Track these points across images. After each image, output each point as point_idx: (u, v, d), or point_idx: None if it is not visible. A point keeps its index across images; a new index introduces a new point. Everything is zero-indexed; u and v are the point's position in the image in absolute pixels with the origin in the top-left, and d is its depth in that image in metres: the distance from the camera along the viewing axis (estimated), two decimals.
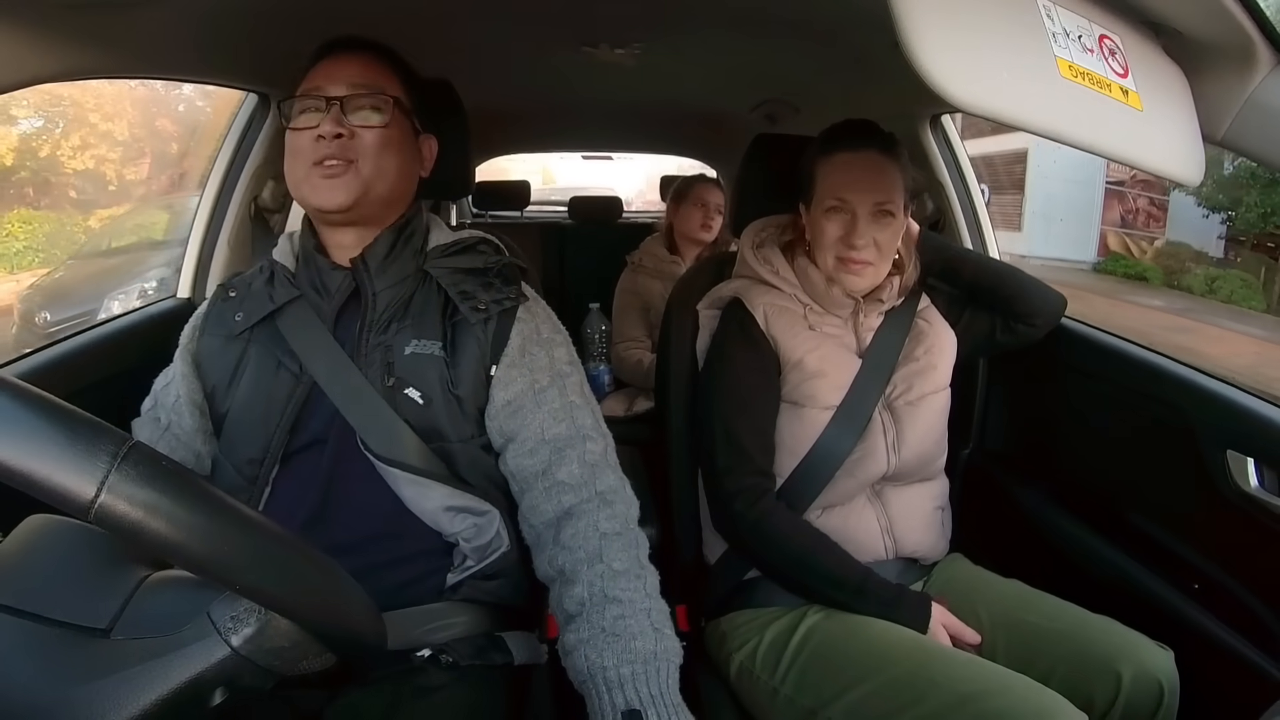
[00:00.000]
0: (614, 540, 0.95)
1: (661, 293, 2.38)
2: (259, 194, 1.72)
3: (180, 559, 0.49)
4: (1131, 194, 12.79)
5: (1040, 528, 1.46)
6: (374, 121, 0.98)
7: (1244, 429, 1.14)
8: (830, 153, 1.23)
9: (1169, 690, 1.00)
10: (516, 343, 1.03)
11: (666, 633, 0.89)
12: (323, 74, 0.99)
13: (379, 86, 0.99)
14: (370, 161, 0.97)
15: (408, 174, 1.05)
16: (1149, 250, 12.53)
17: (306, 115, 0.98)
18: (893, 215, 1.20)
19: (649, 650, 0.86)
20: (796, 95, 2.16)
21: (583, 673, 0.87)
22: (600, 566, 0.92)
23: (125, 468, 0.45)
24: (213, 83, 1.48)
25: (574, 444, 1.00)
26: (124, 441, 0.46)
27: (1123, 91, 0.76)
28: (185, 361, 1.05)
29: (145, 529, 0.46)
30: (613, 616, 0.88)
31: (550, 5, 1.44)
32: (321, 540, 0.93)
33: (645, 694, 0.83)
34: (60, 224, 7.04)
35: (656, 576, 0.96)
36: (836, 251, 1.20)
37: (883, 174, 1.19)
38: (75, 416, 0.46)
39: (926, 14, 0.61)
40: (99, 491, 0.44)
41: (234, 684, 0.54)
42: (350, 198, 0.97)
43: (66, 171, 7.39)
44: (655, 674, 0.84)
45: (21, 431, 0.44)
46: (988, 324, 1.37)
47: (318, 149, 0.96)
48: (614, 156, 5.78)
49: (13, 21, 0.88)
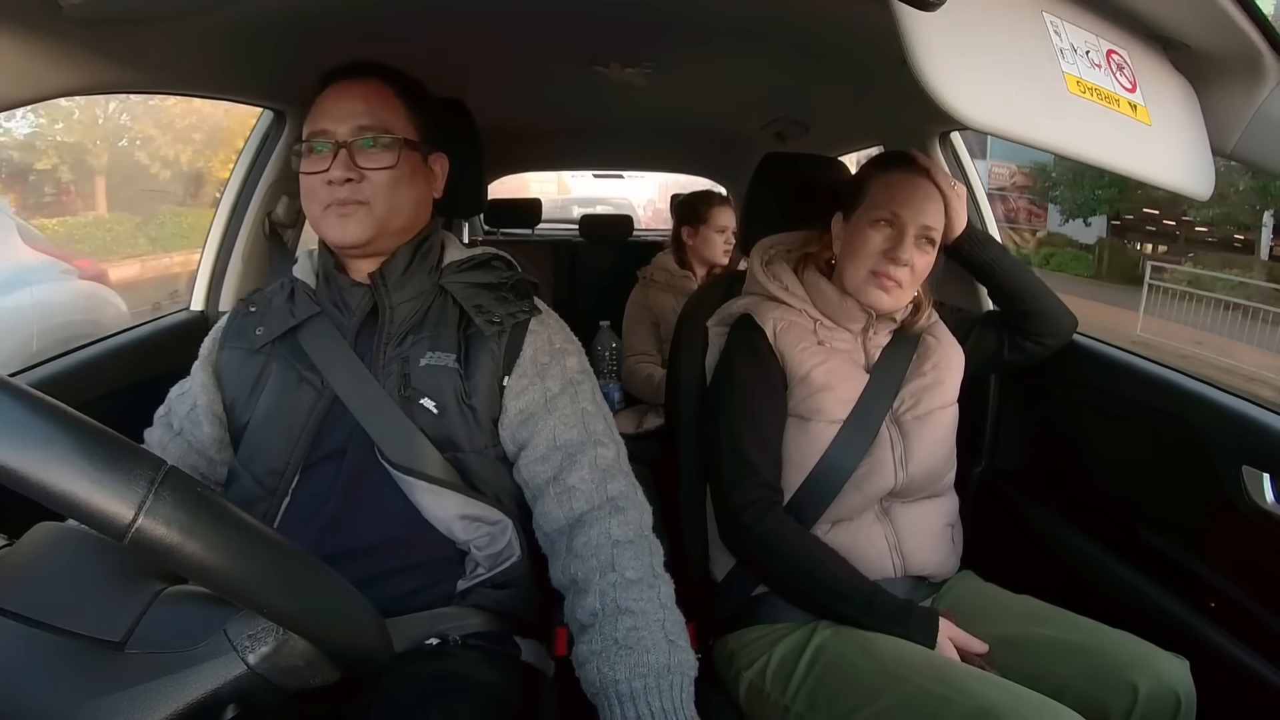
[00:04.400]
0: (627, 548, 0.95)
1: (673, 307, 2.38)
2: (273, 209, 1.74)
3: (213, 583, 0.49)
4: (1013, 197, 15.45)
5: (1053, 545, 1.44)
6: (383, 163, 1.00)
7: (1260, 444, 1.13)
8: (888, 169, 1.24)
9: (1186, 702, 0.98)
10: (529, 353, 1.04)
11: (681, 645, 0.88)
12: (329, 110, 1.01)
13: (385, 124, 1.01)
14: (383, 200, 1.00)
15: (421, 202, 1.07)
16: (1031, 240, 15.22)
17: (316, 158, 1.00)
18: (933, 245, 1.21)
19: (662, 664, 0.85)
20: (806, 114, 2.17)
21: (595, 685, 0.86)
22: (613, 575, 0.92)
23: (163, 492, 0.46)
24: (228, 99, 1.50)
25: (585, 449, 1.01)
26: (160, 466, 0.47)
27: (1131, 106, 0.76)
28: (205, 373, 1.07)
29: (180, 552, 0.47)
30: (625, 628, 0.87)
31: (562, 25, 1.46)
32: (336, 546, 0.95)
33: (658, 708, 0.82)
34: (202, 218, 8.06)
35: (671, 585, 0.95)
36: (874, 264, 1.20)
37: (934, 202, 1.21)
38: (115, 440, 0.47)
39: (934, 31, 0.62)
40: (137, 514, 0.45)
41: (246, 700, 0.54)
42: (366, 235, 1.00)
43: (216, 178, 8.26)
44: (669, 688, 0.84)
45: (63, 454, 0.45)
46: (995, 342, 1.37)
47: (331, 192, 0.98)
48: (625, 175, 5.80)
49: (32, 36, 0.89)
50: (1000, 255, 1.33)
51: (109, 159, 8.03)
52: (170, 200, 8.35)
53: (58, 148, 6.95)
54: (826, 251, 1.30)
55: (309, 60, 1.12)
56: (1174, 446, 1.27)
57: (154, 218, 7.77)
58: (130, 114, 7.92)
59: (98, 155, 7.83)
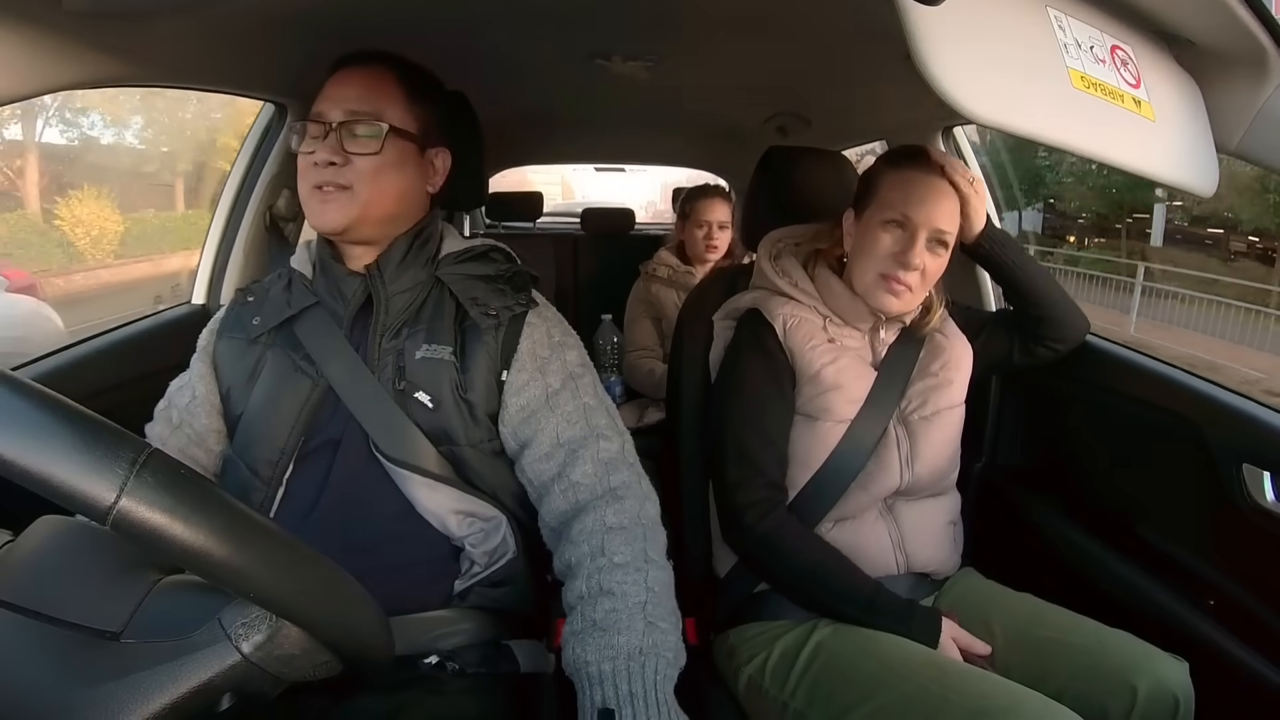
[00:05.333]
0: (618, 534, 0.94)
1: (675, 301, 2.38)
2: (274, 203, 1.74)
3: (195, 566, 0.49)
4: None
5: (1053, 542, 1.44)
6: (369, 149, 0.99)
7: (1260, 442, 1.13)
8: (901, 167, 1.19)
9: (1184, 703, 0.98)
10: (526, 346, 1.04)
11: (662, 627, 0.86)
12: (329, 94, 1.01)
13: (376, 110, 1.00)
14: (365, 186, 0.99)
15: (410, 193, 1.06)
16: None
17: (310, 140, 1.00)
18: (946, 248, 1.17)
19: (634, 646, 0.83)
20: (808, 108, 2.16)
21: (570, 666, 0.85)
22: (602, 560, 0.91)
23: (145, 474, 0.46)
24: (229, 92, 1.49)
25: (588, 444, 1.01)
26: (143, 448, 0.47)
27: (1135, 102, 0.76)
28: (203, 363, 1.07)
29: (163, 535, 0.46)
30: (604, 610, 0.86)
31: (563, 17, 1.45)
32: (332, 541, 0.94)
33: (625, 691, 0.80)
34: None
35: (668, 571, 0.94)
36: (884, 267, 1.16)
37: (948, 204, 1.16)
38: (96, 423, 0.47)
39: (938, 26, 0.62)
40: (118, 496, 0.45)
41: (242, 690, 0.54)
42: (345, 220, 0.99)
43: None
44: (640, 670, 0.81)
45: (45, 437, 0.45)
46: (1006, 344, 1.35)
47: (317, 173, 0.99)
48: (626, 168, 5.80)
49: (32, 30, 0.89)
50: (1019, 256, 1.29)
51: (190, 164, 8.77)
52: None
53: (161, 156, 7.79)
54: (837, 248, 1.27)
55: (309, 53, 1.12)
56: (1174, 444, 1.27)
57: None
58: (208, 124, 8.42)
59: (183, 160, 8.62)
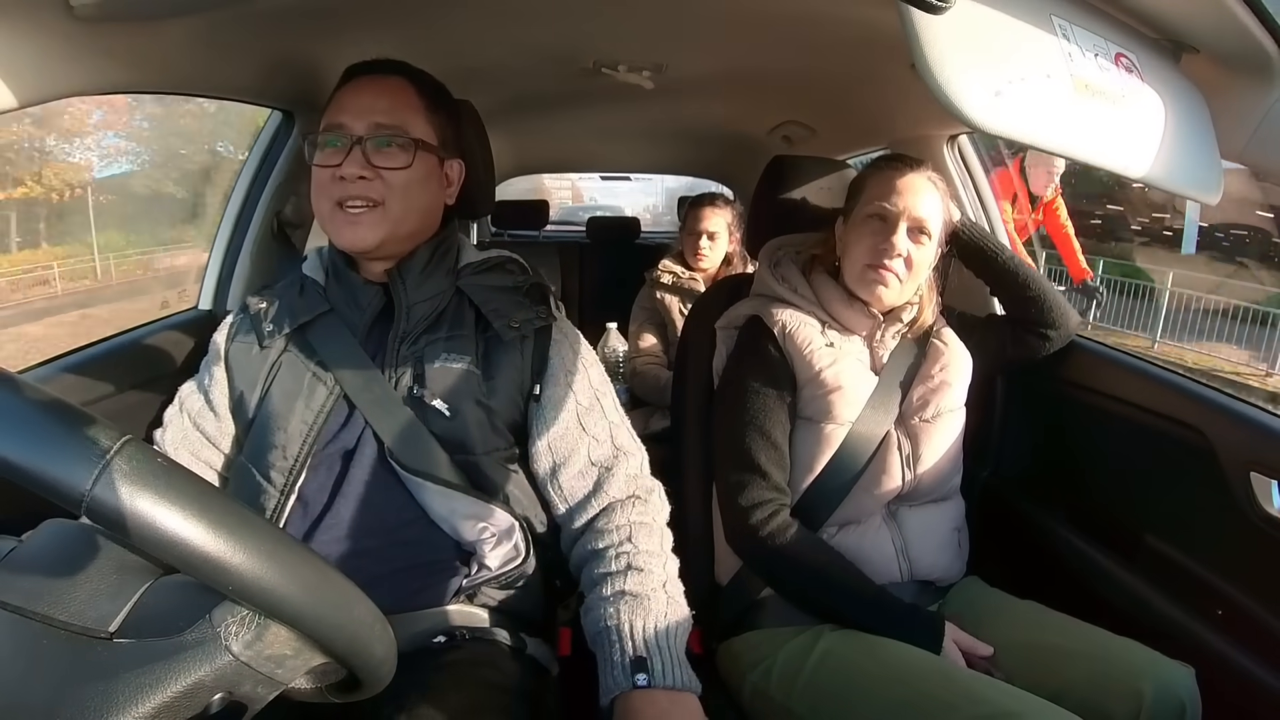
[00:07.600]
0: (642, 529, 1.01)
1: (680, 309, 2.38)
2: (281, 209, 1.74)
3: (173, 556, 0.48)
4: None
5: (1058, 551, 1.43)
6: (399, 162, 0.98)
7: (1268, 450, 1.12)
8: (881, 169, 1.26)
9: (1191, 710, 0.97)
10: (557, 363, 1.06)
11: (680, 602, 0.94)
12: (348, 105, 1.00)
13: (404, 123, 0.99)
14: (398, 201, 0.99)
15: (433, 207, 1.07)
16: None
17: (330, 151, 0.99)
18: (929, 237, 1.22)
19: (660, 610, 0.91)
20: (813, 118, 2.17)
21: (597, 625, 0.91)
22: (629, 546, 0.98)
23: (119, 462, 0.45)
24: (236, 99, 1.50)
25: (618, 461, 1.06)
26: (119, 437, 0.46)
27: (1140, 110, 0.76)
28: (215, 367, 1.07)
29: (138, 523, 0.45)
30: (634, 581, 0.93)
31: (570, 27, 1.46)
32: (342, 545, 0.95)
33: (654, 644, 0.87)
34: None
35: (677, 564, 1.01)
36: (869, 258, 1.21)
37: (926, 195, 1.22)
38: (71, 411, 0.46)
39: (942, 35, 0.62)
40: (92, 484, 0.44)
41: (235, 691, 0.52)
42: (378, 238, 0.99)
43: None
44: (664, 629, 0.89)
45: (18, 425, 0.45)
46: (997, 338, 1.38)
47: (343, 188, 0.97)
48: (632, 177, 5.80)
49: (43, 36, 0.89)
50: (998, 244, 1.36)
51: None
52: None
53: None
54: (832, 255, 1.30)
55: (318, 61, 1.12)
56: (1181, 452, 1.26)
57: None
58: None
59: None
